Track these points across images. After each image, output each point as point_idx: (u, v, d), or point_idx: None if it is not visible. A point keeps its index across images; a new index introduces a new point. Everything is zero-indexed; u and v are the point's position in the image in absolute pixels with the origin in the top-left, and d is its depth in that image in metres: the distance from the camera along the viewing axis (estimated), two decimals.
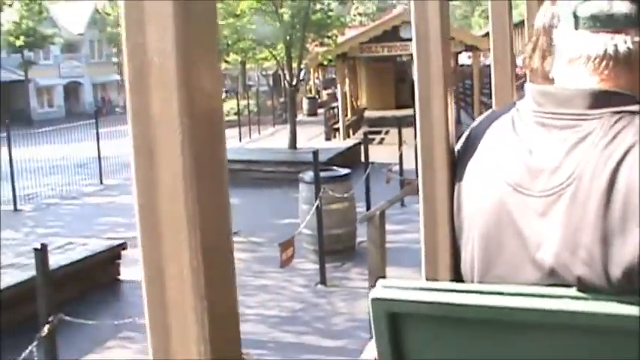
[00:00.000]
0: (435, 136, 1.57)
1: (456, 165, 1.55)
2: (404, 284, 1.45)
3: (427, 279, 1.55)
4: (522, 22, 4.09)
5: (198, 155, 0.75)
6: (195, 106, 0.75)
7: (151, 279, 0.79)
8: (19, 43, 51.55)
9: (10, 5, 46.83)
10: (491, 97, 2.61)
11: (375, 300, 1.41)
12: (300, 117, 27.63)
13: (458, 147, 1.60)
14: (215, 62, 0.79)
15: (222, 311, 0.80)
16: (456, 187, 1.53)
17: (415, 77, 1.62)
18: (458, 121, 21.42)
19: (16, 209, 16.82)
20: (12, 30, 50.13)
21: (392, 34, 26.87)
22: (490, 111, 1.71)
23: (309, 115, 37.92)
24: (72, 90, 66.64)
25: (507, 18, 2.38)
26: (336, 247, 10.68)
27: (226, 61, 38.23)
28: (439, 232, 1.55)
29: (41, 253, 5.53)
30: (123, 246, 10.58)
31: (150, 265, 0.79)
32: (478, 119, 1.64)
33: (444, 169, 1.55)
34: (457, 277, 1.51)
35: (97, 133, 20.08)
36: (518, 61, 4.83)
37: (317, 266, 10.01)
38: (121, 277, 10.37)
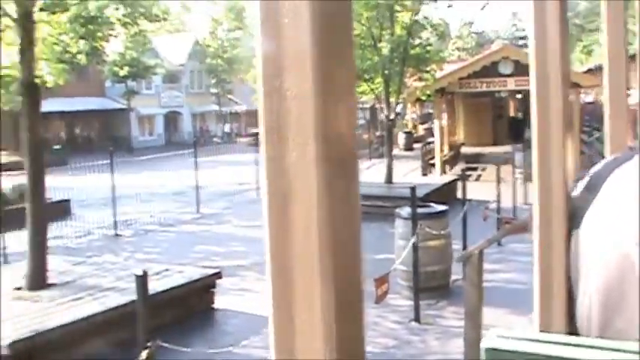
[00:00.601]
0: (552, 180, 1.53)
1: (574, 212, 1.50)
2: (518, 335, 1.41)
3: (541, 330, 1.50)
4: (633, 56, 3.91)
5: (333, 203, 0.74)
6: (331, 152, 0.74)
7: (280, 326, 0.78)
8: (123, 73, 53.12)
9: (117, 37, 48.24)
10: (589, 135, 2.52)
11: (489, 350, 1.37)
12: (396, 151, 27.55)
13: (576, 193, 1.55)
14: (353, 106, 0.78)
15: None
16: (573, 236, 1.47)
17: (533, 119, 1.58)
18: None
19: (116, 234, 17.26)
20: (117, 60, 51.67)
21: (491, 70, 26.61)
22: (612, 157, 1.65)
23: (406, 149, 37.85)
24: (172, 119, 68.17)
25: (624, 53, 2.30)
26: (430, 285, 10.55)
27: None
28: (554, 282, 1.50)
29: (142, 279, 5.63)
30: (218, 275, 10.70)
31: (280, 314, 0.78)
32: (598, 165, 1.58)
33: (561, 216, 1.50)
34: (571, 329, 1.46)
35: (196, 162, 20.45)
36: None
37: (411, 303, 9.90)
38: (216, 305, 10.48)
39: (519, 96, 36.62)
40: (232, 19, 70.03)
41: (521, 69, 24.79)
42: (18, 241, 14.31)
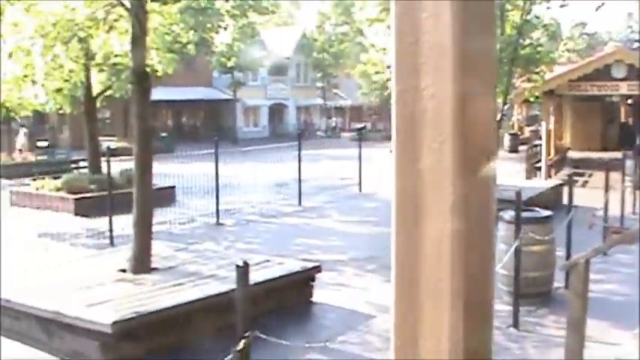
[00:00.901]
0: None
1: None
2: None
3: None
4: None
5: (468, 213, 0.69)
6: (469, 158, 0.69)
7: (403, 325, 0.74)
8: (230, 64, 53.84)
9: (226, 29, 48.97)
10: None
11: None
12: (501, 153, 27.10)
13: None
14: (493, 107, 0.73)
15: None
16: None
17: None
18: None
19: (218, 223, 17.51)
20: (224, 52, 52.39)
21: (603, 73, 25.87)
22: None
23: (510, 151, 37.24)
24: (276, 111, 68.82)
25: None
26: (531, 291, 10.29)
27: None
28: None
29: (243, 269, 5.66)
30: (318, 268, 10.71)
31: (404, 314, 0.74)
32: None
33: None
34: None
35: (299, 155, 20.56)
36: None
37: (510, 308, 9.68)
38: (314, 299, 10.49)
39: (630, 101, 35.49)
40: (339, 14, 70.19)
41: (635, 73, 24.03)
42: (124, 224, 14.72)
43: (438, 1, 0.67)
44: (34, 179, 22.20)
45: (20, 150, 35.57)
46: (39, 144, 34.56)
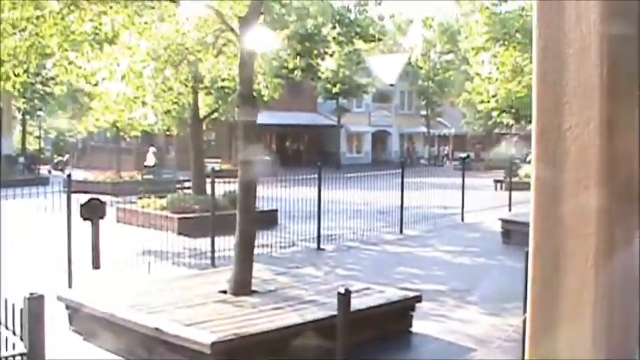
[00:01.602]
0: None
1: None
2: None
3: None
4: None
5: (612, 270, 0.64)
6: (614, 204, 0.64)
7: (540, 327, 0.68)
8: (335, 90, 54.25)
9: (332, 55, 49.42)
10: None
11: None
12: None
13: None
14: (636, 148, 0.68)
15: None
16: None
17: None
18: None
19: (319, 248, 17.55)
20: (330, 78, 52.81)
21: None
22: None
23: None
24: (379, 138, 68.88)
25: None
26: None
27: None
28: None
29: (345, 297, 5.63)
30: (418, 298, 10.57)
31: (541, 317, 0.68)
32: None
33: None
34: None
35: (402, 183, 20.47)
36: None
37: None
38: (413, 329, 10.36)
39: None
40: (445, 42, 69.94)
41: None
42: (225, 245, 14.90)
43: (586, 36, 0.62)
44: (140, 198, 22.75)
45: (152, 167, 36.58)
46: (145, 163, 35.50)
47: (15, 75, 11.97)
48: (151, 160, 37.61)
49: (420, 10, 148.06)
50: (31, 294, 3.76)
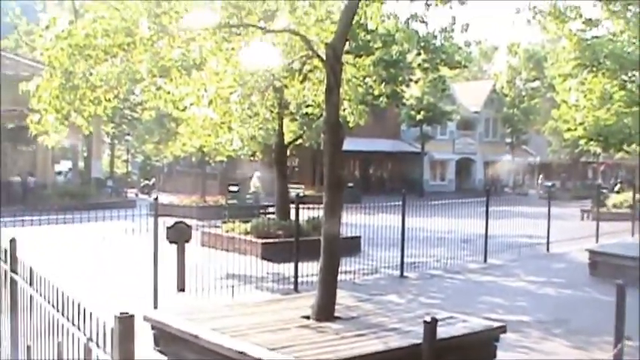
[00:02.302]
0: None
1: None
2: None
3: None
4: None
5: None
6: None
7: None
8: (419, 117, 54.11)
9: (417, 82, 49.33)
10: None
11: None
12: None
13: None
14: None
15: None
16: None
17: None
18: None
19: (402, 275, 17.43)
20: (414, 105, 52.69)
21: None
22: None
23: None
24: (463, 166, 68.35)
25: None
26: None
27: (625, 151, 36.71)
28: None
29: (431, 325, 5.55)
30: (502, 328, 10.33)
31: None
32: None
33: None
34: None
35: (487, 211, 20.22)
36: None
37: None
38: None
39: None
40: (531, 69, 69.10)
41: None
42: (308, 271, 14.93)
43: None
44: (224, 222, 22.99)
45: (254, 192, 36.95)
46: (230, 188, 35.91)
47: (106, 100, 12.26)
48: (255, 184, 37.80)
49: (506, 37, 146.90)
50: (122, 313, 3.81)
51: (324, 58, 10.59)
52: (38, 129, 12.45)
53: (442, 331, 9.13)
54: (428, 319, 5.57)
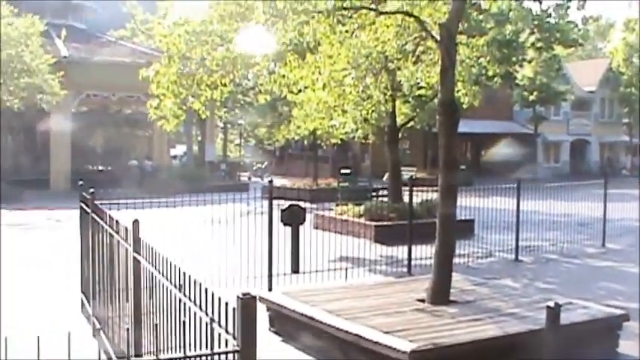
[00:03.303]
0: None
1: None
2: None
3: None
4: None
5: None
6: None
7: None
8: (531, 98, 52.92)
9: (530, 62, 48.30)
10: None
11: None
12: None
13: None
14: None
15: None
16: None
17: None
18: None
19: (517, 259, 17.14)
20: (526, 85, 51.59)
21: None
22: None
23: None
24: (578, 147, 66.55)
25: None
26: None
27: None
28: None
29: (554, 310, 5.43)
30: (625, 317, 10.02)
31: None
32: None
33: None
34: None
35: (605, 194, 19.64)
36: None
37: None
38: (620, 349, 9.83)
39: None
40: None
41: None
42: (421, 254, 14.84)
43: None
44: (337, 205, 23.07)
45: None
46: (342, 171, 35.99)
47: (222, 85, 12.47)
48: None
49: (622, 13, 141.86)
50: (244, 294, 3.85)
51: (438, 38, 10.47)
52: (157, 114, 12.81)
53: (562, 317, 8.93)
54: (551, 304, 5.44)
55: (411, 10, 12.44)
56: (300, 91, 15.29)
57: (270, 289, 12.59)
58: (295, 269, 14.43)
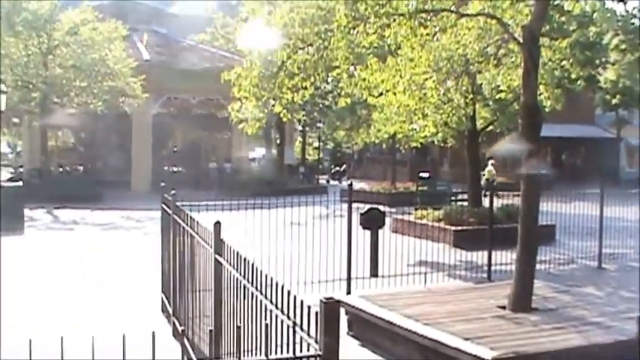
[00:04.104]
0: None
1: None
2: None
3: None
4: None
5: None
6: None
7: None
8: (614, 101, 51.71)
9: (613, 64, 47.26)
10: None
11: None
12: None
13: None
14: None
15: None
16: None
17: None
18: None
19: (600, 267, 16.76)
20: (609, 88, 50.46)
21: None
22: None
23: None
24: None
25: None
26: None
27: None
28: None
29: None
30: None
31: None
32: None
33: None
34: None
35: None
36: None
37: None
38: None
39: None
40: None
41: None
42: (502, 259, 14.63)
43: None
44: (416, 209, 22.94)
45: (488, 180, 36.45)
46: (421, 175, 35.78)
47: (303, 88, 12.52)
48: (491, 172, 36.92)
49: None
50: (327, 299, 3.84)
51: (521, 41, 10.32)
52: (238, 117, 12.92)
53: None
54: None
55: (492, 12, 12.30)
56: (380, 94, 15.23)
57: (348, 293, 12.57)
58: (374, 273, 14.38)
